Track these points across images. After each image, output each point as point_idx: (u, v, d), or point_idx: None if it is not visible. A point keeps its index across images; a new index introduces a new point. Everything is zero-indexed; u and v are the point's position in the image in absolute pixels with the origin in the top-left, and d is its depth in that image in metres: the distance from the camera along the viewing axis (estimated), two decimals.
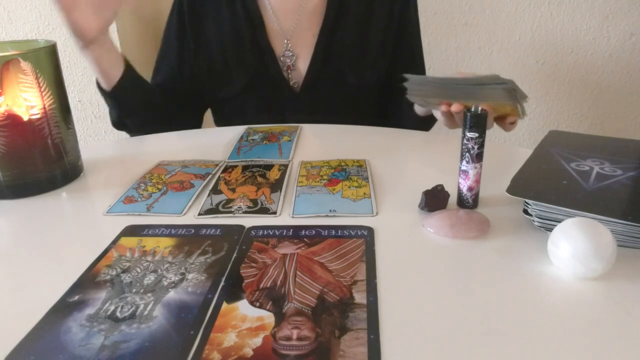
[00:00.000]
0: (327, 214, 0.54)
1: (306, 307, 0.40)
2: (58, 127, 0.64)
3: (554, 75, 1.44)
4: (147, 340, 0.37)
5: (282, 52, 0.92)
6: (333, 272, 0.44)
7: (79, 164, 0.69)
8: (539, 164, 0.56)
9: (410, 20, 0.96)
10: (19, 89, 0.59)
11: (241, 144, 0.78)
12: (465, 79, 0.62)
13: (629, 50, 1.39)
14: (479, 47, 1.42)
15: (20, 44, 0.67)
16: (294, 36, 0.92)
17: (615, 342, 0.36)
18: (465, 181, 0.54)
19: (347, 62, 0.92)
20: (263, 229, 0.52)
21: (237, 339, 0.37)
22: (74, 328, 0.38)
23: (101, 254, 0.49)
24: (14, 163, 0.61)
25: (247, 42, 0.91)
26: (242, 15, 0.91)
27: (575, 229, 0.42)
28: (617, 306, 0.40)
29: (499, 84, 0.60)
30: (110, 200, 0.60)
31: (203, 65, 0.95)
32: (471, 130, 0.52)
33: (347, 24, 0.91)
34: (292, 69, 0.93)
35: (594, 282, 0.42)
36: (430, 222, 0.51)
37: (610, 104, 1.46)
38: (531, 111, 1.48)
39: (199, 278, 0.44)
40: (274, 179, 0.64)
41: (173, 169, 0.68)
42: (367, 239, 0.49)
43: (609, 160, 0.56)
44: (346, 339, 0.36)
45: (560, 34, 1.39)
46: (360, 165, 0.67)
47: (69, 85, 1.23)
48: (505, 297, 0.41)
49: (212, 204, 0.58)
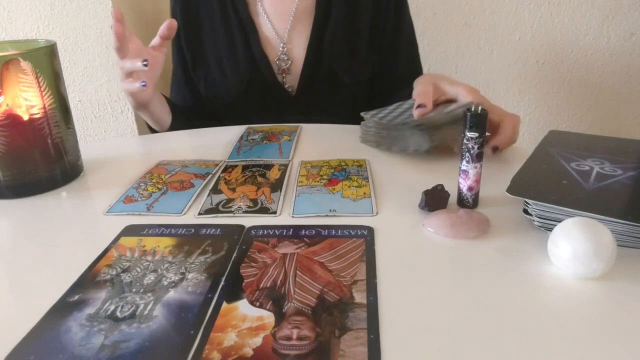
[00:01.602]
0: (327, 213, 0.54)
1: (306, 307, 0.40)
2: (58, 127, 0.64)
3: (554, 75, 1.44)
4: (147, 340, 0.37)
5: (277, 57, 0.92)
6: (333, 271, 0.44)
7: (79, 163, 0.69)
8: (539, 164, 0.56)
9: (398, 9, 0.96)
10: (19, 89, 0.59)
11: (241, 143, 0.78)
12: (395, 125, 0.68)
13: (629, 50, 1.39)
14: (479, 47, 1.42)
15: (20, 44, 0.67)
16: (289, 40, 0.92)
17: (615, 342, 0.36)
18: (465, 181, 0.54)
19: (339, 62, 0.92)
20: (263, 229, 0.52)
21: (237, 339, 0.37)
22: (74, 328, 0.38)
23: (101, 253, 0.49)
24: (14, 163, 0.61)
25: (241, 49, 0.92)
26: (235, 23, 0.92)
27: (575, 229, 0.42)
28: (617, 306, 0.40)
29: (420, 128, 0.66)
30: (110, 200, 0.60)
31: (201, 75, 0.95)
32: (471, 130, 0.52)
33: (336, 23, 0.91)
34: (287, 72, 0.93)
35: (594, 282, 0.42)
36: (430, 222, 0.51)
37: (610, 104, 1.46)
38: (531, 111, 1.49)
39: (199, 278, 0.44)
40: (274, 178, 0.64)
41: (173, 168, 0.68)
42: (367, 238, 0.49)
43: (609, 160, 0.56)
44: (346, 338, 0.36)
45: (560, 34, 1.39)
46: (360, 165, 0.67)
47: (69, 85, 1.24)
48: (505, 297, 0.41)
49: (212, 204, 0.58)
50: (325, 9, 0.91)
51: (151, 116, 0.87)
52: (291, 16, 0.92)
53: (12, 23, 1.21)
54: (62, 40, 1.22)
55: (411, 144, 0.67)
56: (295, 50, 0.92)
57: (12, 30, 1.21)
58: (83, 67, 1.25)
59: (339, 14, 0.91)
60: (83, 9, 1.20)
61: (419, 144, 0.66)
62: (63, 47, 1.22)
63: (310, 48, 0.91)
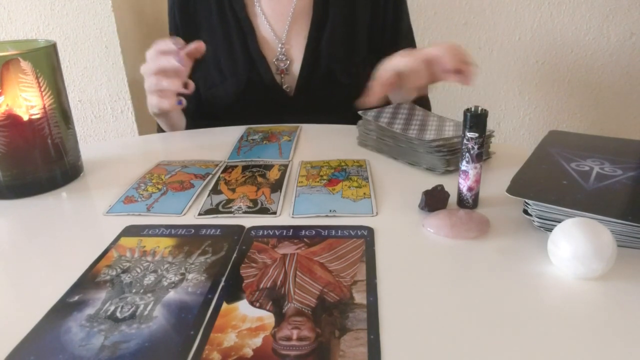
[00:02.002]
0: (327, 214, 0.54)
1: (306, 307, 0.40)
2: (58, 127, 0.64)
3: (554, 75, 1.44)
4: (147, 340, 0.37)
5: (275, 57, 0.92)
6: (333, 272, 0.44)
7: (79, 164, 0.69)
8: (539, 164, 0.56)
9: (396, 8, 0.95)
10: (19, 89, 0.59)
11: (241, 144, 0.78)
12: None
13: (629, 50, 1.39)
14: (479, 47, 1.42)
15: (20, 44, 0.67)
16: (287, 40, 0.92)
17: (615, 342, 0.36)
18: (465, 181, 0.54)
19: (337, 62, 0.92)
20: (263, 229, 0.52)
21: (237, 339, 0.37)
22: (74, 328, 0.38)
23: (101, 254, 0.49)
24: (14, 163, 0.61)
25: (239, 50, 0.92)
26: (233, 23, 0.92)
27: (575, 229, 0.42)
28: (617, 306, 0.40)
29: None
30: (110, 200, 0.60)
31: (200, 75, 0.95)
32: (471, 130, 0.52)
33: (334, 23, 0.91)
34: (286, 73, 0.93)
35: (594, 282, 0.42)
36: (430, 222, 0.51)
37: (610, 104, 1.46)
38: (531, 111, 1.49)
39: (199, 278, 0.44)
40: (274, 179, 0.64)
41: (173, 169, 0.68)
42: (367, 239, 0.49)
43: (609, 160, 0.56)
44: (346, 339, 0.36)
45: (560, 34, 1.39)
46: (360, 165, 0.67)
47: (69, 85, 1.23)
48: (505, 297, 0.41)
49: (212, 204, 0.58)
50: (323, 9, 0.91)
51: (169, 122, 0.88)
52: (289, 16, 0.92)
53: (12, 23, 1.21)
54: (62, 40, 1.22)
55: (424, 162, 0.65)
56: (294, 50, 0.92)
57: (12, 30, 1.21)
58: (83, 67, 1.25)
59: (336, 14, 0.91)
60: (83, 9, 1.20)
61: (434, 165, 0.64)
62: (63, 47, 1.22)
63: (309, 48, 0.91)
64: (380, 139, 0.71)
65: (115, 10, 1.20)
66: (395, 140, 0.69)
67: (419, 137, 0.65)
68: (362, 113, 0.74)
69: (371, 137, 0.73)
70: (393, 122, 0.71)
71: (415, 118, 0.73)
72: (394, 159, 0.69)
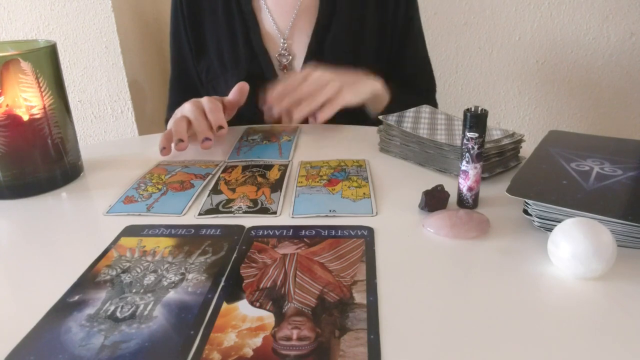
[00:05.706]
0: (327, 214, 0.54)
1: (306, 307, 0.40)
2: (58, 127, 0.64)
3: (554, 75, 1.44)
4: (147, 340, 0.37)
5: (277, 52, 0.92)
6: (333, 272, 0.44)
7: (79, 164, 0.69)
8: (539, 164, 0.56)
9: (409, 8, 0.95)
10: (19, 89, 0.59)
11: (241, 144, 0.78)
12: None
13: (629, 50, 1.39)
14: (479, 47, 1.42)
15: (20, 44, 0.67)
16: (290, 36, 0.92)
17: (615, 342, 0.36)
18: (465, 181, 0.54)
19: (340, 61, 0.91)
20: (263, 229, 0.52)
21: (237, 339, 0.37)
22: (74, 328, 0.38)
23: (101, 254, 0.49)
24: (14, 163, 0.61)
25: (241, 43, 0.91)
26: (238, 16, 0.92)
27: (575, 229, 0.42)
28: (617, 306, 0.40)
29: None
30: (110, 200, 0.60)
31: (203, 66, 0.95)
32: (471, 130, 0.52)
33: (340, 22, 0.91)
34: (288, 69, 0.93)
35: (594, 282, 0.42)
36: (430, 222, 0.51)
37: (610, 104, 1.46)
38: (531, 111, 1.49)
39: (199, 278, 0.44)
40: (274, 179, 0.64)
41: (173, 169, 0.68)
42: (367, 239, 0.49)
43: (609, 160, 0.56)
44: (346, 339, 0.36)
45: (560, 34, 1.39)
46: (360, 165, 0.67)
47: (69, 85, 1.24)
48: (505, 297, 0.41)
49: (212, 204, 0.58)
50: (330, 6, 0.91)
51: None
52: (294, 12, 0.92)
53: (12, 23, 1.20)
54: (62, 40, 1.22)
55: (455, 169, 0.62)
56: (296, 46, 0.92)
57: (12, 30, 1.21)
58: (83, 67, 1.25)
59: (343, 11, 0.91)
60: (83, 9, 1.19)
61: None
62: (63, 47, 1.22)
63: (312, 46, 0.91)
64: (404, 144, 0.68)
65: (115, 10, 1.19)
66: (422, 146, 0.66)
67: (449, 143, 0.62)
68: (382, 118, 0.71)
69: (394, 143, 0.70)
70: (417, 127, 0.68)
71: (439, 122, 0.70)
72: (420, 165, 0.66)
